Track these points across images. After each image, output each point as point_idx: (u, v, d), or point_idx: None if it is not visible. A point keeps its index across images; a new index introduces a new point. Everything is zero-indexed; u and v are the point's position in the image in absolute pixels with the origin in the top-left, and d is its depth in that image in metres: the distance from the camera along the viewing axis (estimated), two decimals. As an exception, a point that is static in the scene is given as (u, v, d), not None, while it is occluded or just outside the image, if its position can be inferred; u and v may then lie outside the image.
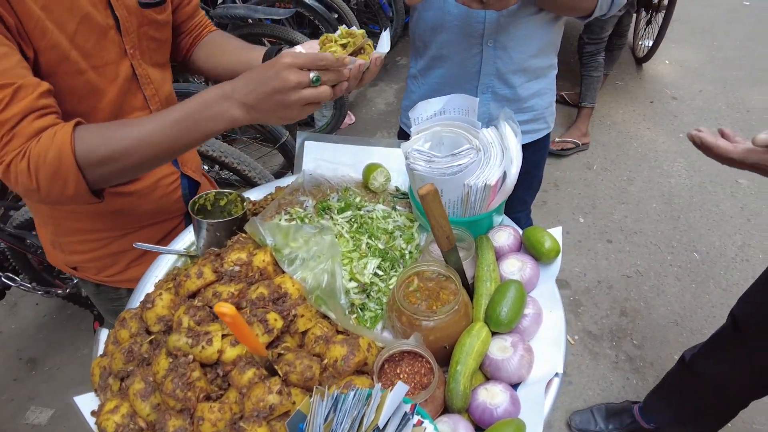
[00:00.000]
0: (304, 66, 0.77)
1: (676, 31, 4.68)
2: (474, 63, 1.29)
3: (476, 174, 0.96)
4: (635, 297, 2.40)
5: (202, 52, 1.19)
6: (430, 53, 1.35)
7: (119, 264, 1.20)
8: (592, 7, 1.20)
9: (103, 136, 0.81)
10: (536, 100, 1.40)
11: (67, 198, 0.82)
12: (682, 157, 3.25)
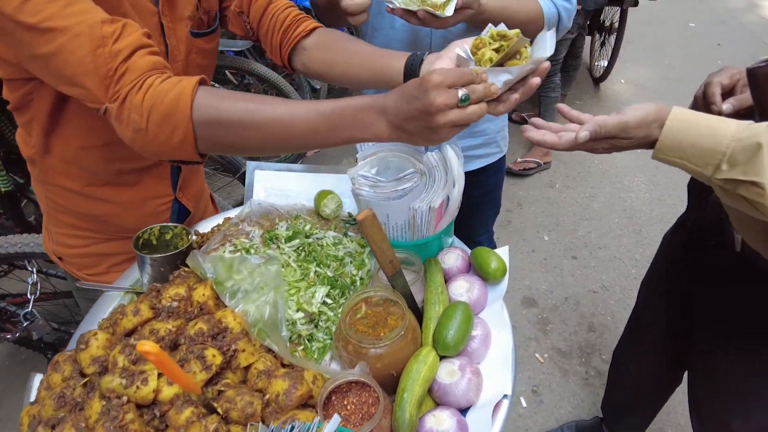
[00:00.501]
0: (453, 84, 0.70)
1: (629, 52, 4.88)
2: None
3: (421, 197, 0.96)
4: (602, 312, 2.42)
5: (316, 53, 1.07)
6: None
7: (101, 265, 1.18)
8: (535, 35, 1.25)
9: (228, 99, 0.78)
10: (487, 124, 1.43)
11: (171, 148, 0.79)
12: (641, 173, 3.34)
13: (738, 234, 1.01)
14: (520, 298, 2.48)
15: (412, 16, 1.04)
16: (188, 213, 1.23)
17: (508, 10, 1.17)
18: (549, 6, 1.22)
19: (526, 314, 2.40)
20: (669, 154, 0.78)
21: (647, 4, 4.40)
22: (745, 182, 0.71)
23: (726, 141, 0.72)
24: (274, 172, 1.24)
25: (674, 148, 0.76)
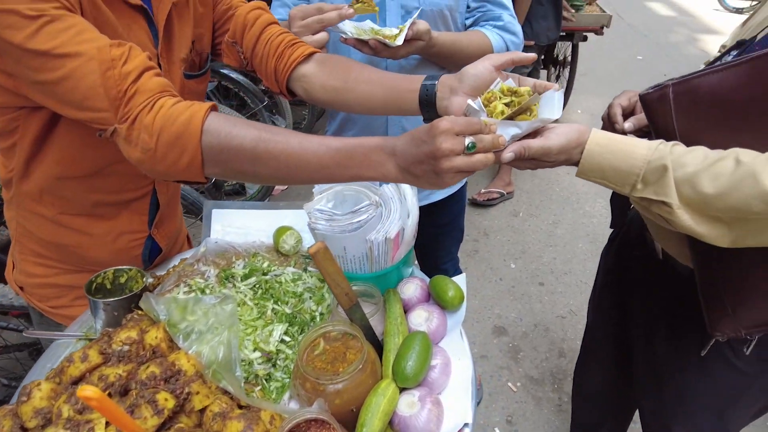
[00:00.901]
0: (461, 132, 0.72)
1: (583, 84, 5.11)
2: (380, 124, 1.36)
3: (377, 228, 0.97)
4: (572, 337, 2.44)
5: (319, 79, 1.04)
6: (340, 116, 1.41)
7: (65, 297, 1.13)
8: None
9: (240, 127, 0.79)
10: None
11: (178, 170, 0.79)
12: (602, 198, 3.45)
13: (657, 243, 1.08)
14: (491, 328, 2.48)
15: (365, 46, 1.08)
16: (160, 251, 1.20)
17: (458, 44, 1.23)
18: (498, 40, 1.28)
19: (497, 343, 2.40)
20: (590, 175, 0.84)
21: (597, 39, 4.66)
22: (657, 201, 0.77)
23: (639, 163, 0.78)
24: (233, 210, 1.23)
25: (594, 170, 0.82)
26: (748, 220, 0.74)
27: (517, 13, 2.92)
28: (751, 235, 0.76)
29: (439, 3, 1.22)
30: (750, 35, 0.91)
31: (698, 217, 0.76)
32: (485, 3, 1.29)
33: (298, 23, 1.06)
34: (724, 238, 0.77)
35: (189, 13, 1.02)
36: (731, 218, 0.75)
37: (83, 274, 1.09)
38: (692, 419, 1.15)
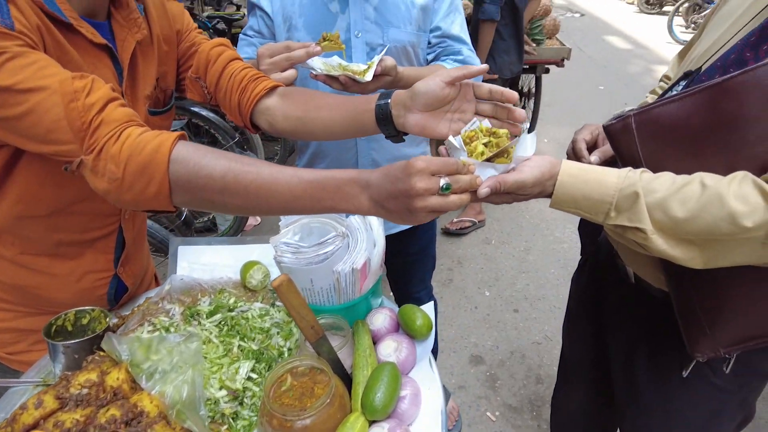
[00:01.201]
0: (437, 172, 0.72)
1: (548, 114, 5.30)
2: (350, 156, 1.38)
3: (344, 259, 0.98)
4: (548, 362, 2.45)
5: (282, 111, 1.05)
6: (310, 150, 1.43)
7: (23, 342, 1.07)
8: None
9: (209, 157, 0.79)
10: None
11: (145, 198, 0.78)
12: (571, 224, 3.53)
13: (629, 267, 1.10)
14: (468, 357, 2.47)
15: (335, 81, 1.11)
16: (126, 290, 1.17)
17: (421, 78, 1.27)
18: None
19: (474, 373, 2.39)
20: (564, 205, 0.86)
21: (560, 71, 4.85)
22: (631, 228, 0.80)
23: (611, 191, 0.81)
24: (199, 247, 1.22)
25: (568, 200, 0.85)
26: (718, 241, 0.77)
27: (481, 49, 3.06)
28: (722, 256, 0.79)
29: (402, 40, 1.27)
30: (695, 66, 0.96)
31: (672, 240, 0.79)
32: (445, 39, 1.34)
33: (267, 61, 1.08)
34: (697, 260, 0.80)
35: (153, 52, 1.03)
36: (702, 240, 0.78)
37: (43, 317, 1.05)
38: None
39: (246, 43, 1.35)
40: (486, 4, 2.83)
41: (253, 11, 1.33)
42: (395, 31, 1.26)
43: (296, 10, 1.26)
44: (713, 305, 0.90)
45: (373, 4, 1.24)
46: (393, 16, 1.25)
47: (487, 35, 2.93)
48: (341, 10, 1.24)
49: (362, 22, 1.25)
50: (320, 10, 1.25)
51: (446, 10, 1.32)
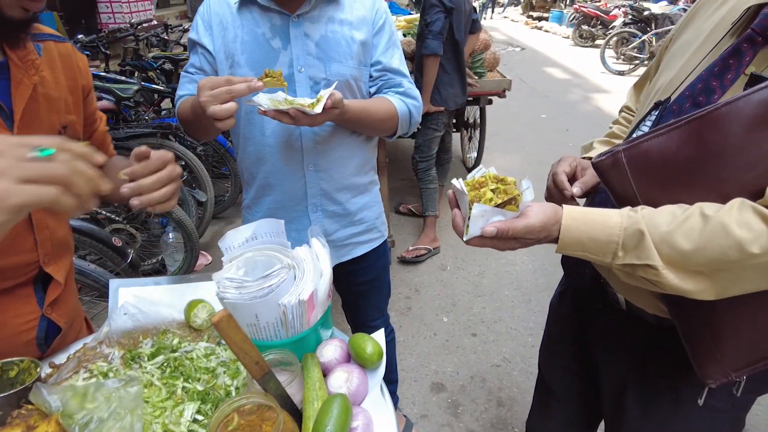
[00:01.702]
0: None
1: (494, 143, 5.49)
2: (299, 187, 1.38)
3: (290, 291, 0.97)
4: (508, 385, 2.46)
5: None
6: (257, 183, 1.42)
7: None
8: (393, 130, 1.40)
9: None
10: (365, 212, 1.52)
11: None
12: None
13: (620, 294, 1.10)
14: (429, 385, 2.46)
15: (285, 116, 1.12)
16: (59, 330, 1.10)
17: (366, 111, 1.31)
18: (401, 105, 1.38)
19: (436, 401, 2.37)
20: (570, 249, 0.86)
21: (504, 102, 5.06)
22: (641, 265, 0.80)
23: (616, 231, 0.81)
24: (140, 288, 1.18)
25: (574, 243, 0.85)
26: (727, 270, 0.78)
27: (426, 82, 3.17)
28: (733, 285, 0.79)
29: (344, 74, 1.30)
30: (663, 96, 0.98)
31: (682, 274, 0.79)
32: (386, 72, 1.39)
33: (207, 93, 1.07)
34: (709, 292, 0.80)
35: (58, 97, 1.01)
36: (711, 270, 0.78)
37: None
38: None
39: (188, 80, 1.35)
40: (429, 40, 2.95)
41: (194, 48, 1.33)
42: (337, 66, 1.29)
43: (238, 47, 1.27)
44: (720, 329, 0.89)
45: (315, 40, 1.28)
46: (334, 52, 1.28)
47: (431, 69, 3.04)
48: (283, 46, 1.27)
49: (304, 57, 1.27)
50: (262, 46, 1.27)
51: (385, 45, 1.37)
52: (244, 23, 1.27)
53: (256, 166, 1.39)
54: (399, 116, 1.37)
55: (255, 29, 1.27)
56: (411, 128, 1.45)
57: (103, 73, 3.95)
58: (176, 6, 8.74)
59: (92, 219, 2.85)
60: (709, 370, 0.94)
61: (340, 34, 1.29)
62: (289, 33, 1.26)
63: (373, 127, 1.37)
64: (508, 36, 14.40)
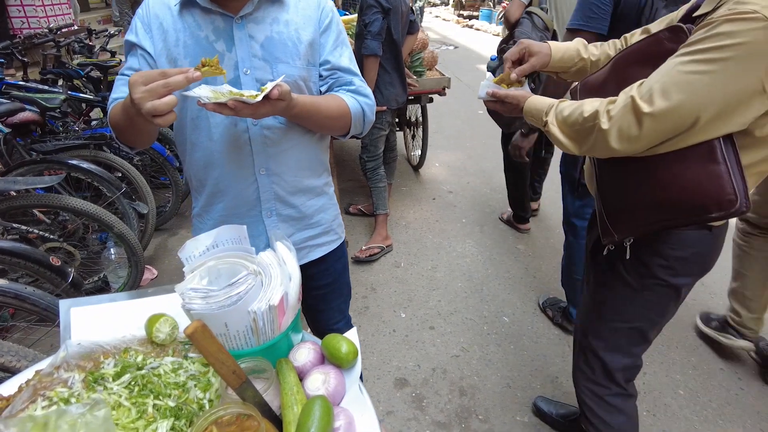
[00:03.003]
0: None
1: (436, 140, 5.60)
2: (252, 192, 1.35)
3: (259, 298, 0.95)
4: (468, 374, 2.53)
5: None
6: (207, 190, 1.37)
7: None
8: (346, 129, 1.39)
9: None
10: (321, 215, 1.50)
11: None
12: (470, 238, 3.72)
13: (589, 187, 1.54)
14: (392, 381, 2.48)
15: (224, 108, 1.06)
16: None
17: (316, 106, 1.28)
18: (353, 103, 1.36)
19: (400, 396, 2.40)
20: (527, 115, 1.38)
21: (443, 100, 5.17)
22: (545, 122, 1.31)
23: (546, 109, 1.32)
24: (95, 306, 1.12)
25: (529, 111, 1.37)
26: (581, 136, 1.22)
27: (368, 81, 3.18)
28: (588, 149, 1.23)
29: (292, 74, 1.28)
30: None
31: (559, 130, 1.28)
32: (335, 71, 1.37)
33: (141, 89, 0.99)
34: (575, 150, 1.26)
35: None
36: (575, 131, 1.23)
37: None
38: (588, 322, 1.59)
39: (122, 83, 1.26)
40: (368, 40, 2.97)
41: (133, 50, 1.26)
42: (284, 67, 1.27)
43: (181, 51, 1.22)
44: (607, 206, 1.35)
45: (260, 42, 1.25)
46: (280, 53, 1.26)
47: (371, 70, 3.06)
48: (227, 48, 1.23)
49: (250, 59, 1.24)
50: (206, 49, 1.23)
51: (333, 44, 1.35)
52: (185, 26, 1.23)
53: (205, 173, 1.35)
54: (352, 114, 1.36)
55: (197, 32, 1.22)
56: (365, 127, 1.44)
57: (22, 82, 3.69)
58: (98, 10, 8.28)
59: (23, 239, 2.66)
60: (603, 230, 1.38)
61: (286, 34, 1.27)
62: (233, 35, 1.23)
63: (324, 124, 1.35)
64: (441, 35, 14.71)
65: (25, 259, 2.10)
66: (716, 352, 2.65)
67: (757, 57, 0.99)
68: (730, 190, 1.09)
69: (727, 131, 1.09)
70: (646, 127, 1.09)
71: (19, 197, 2.64)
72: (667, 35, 1.19)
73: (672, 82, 1.06)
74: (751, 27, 0.98)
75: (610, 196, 1.34)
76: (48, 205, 2.69)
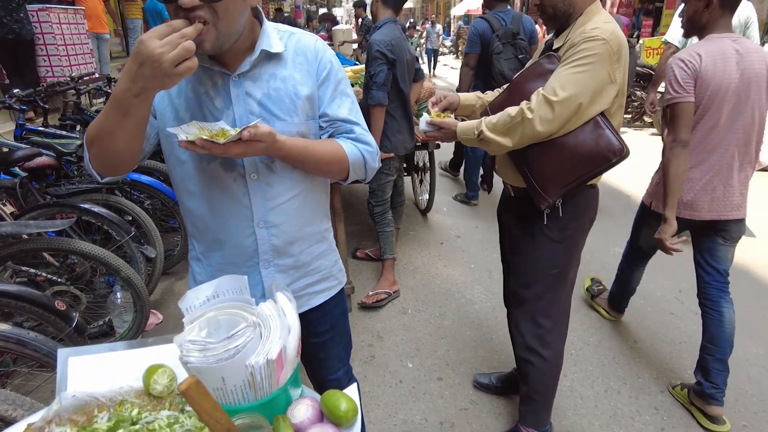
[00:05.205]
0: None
1: (444, 184, 5.63)
2: (250, 243, 1.33)
3: (257, 351, 0.93)
4: (478, 428, 2.43)
5: None
6: (207, 237, 1.36)
7: None
8: (344, 174, 1.36)
9: None
10: (320, 261, 1.48)
11: None
12: (479, 284, 3.68)
13: (507, 185, 2.07)
14: (398, 435, 2.39)
15: (195, 146, 1.05)
16: None
17: (308, 150, 1.26)
18: (352, 149, 1.34)
19: (406, 451, 2.30)
20: (461, 135, 1.88)
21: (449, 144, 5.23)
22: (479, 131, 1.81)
23: (475, 126, 1.83)
24: (93, 356, 1.10)
25: (463, 131, 1.87)
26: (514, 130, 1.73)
27: (374, 131, 3.26)
28: (519, 138, 1.74)
29: (289, 131, 1.26)
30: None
31: (494, 133, 1.77)
32: (335, 121, 1.36)
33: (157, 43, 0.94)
34: (508, 144, 1.76)
35: None
36: (506, 129, 1.74)
37: None
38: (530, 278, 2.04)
39: None
40: (373, 91, 3.05)
41: None
42: (281, 124, 1.25)
43: (182, 103, 1.24)
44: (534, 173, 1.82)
45: (257, 99, 1.25)
46: (278, 109, 1.26)
47: (378, 119, 3.13)
48: (225, 106, 1.24)
49: (247, 117, 1.24)
50: (206, 105, 1.24)
51: (330, 96, 1.34)
52: (188, 79, 1.24)
53: (202, 222, 1.34)
54: (349, 159, 1.33)
55: (198, 87, 1.24)
56: (368, 173, 1.42)
57: (41, 128, 3.81)
58: (119, 59, 8.64)
59: (31, 282, 2.67)
60: (539, 200, 1.82)
61: (284, 90, 1.26)
62: (230, 93, 1.23)
63: (319, 168, 1.33)
64: (450, 83, 15.07)
65: (30, 303, 2.10)
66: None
67: (604, 60, 1.64)
68: (616, 142, 1.71)
69: (600, 109, 1.71)
70: (556, 111, 1.65)
71: (30, 240, 2.67)
72: (546, 60, 1.79)
73: (564, 80, 1.66)
74: (599, 43, 1.62)
75: (536, 171, 1.80)
76: (58, 248, 2.71)
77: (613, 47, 1.64)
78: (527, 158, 1.82)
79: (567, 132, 1.72)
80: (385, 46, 3.05)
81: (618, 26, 1.73)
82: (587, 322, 3.22)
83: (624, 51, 1.68)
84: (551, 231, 1.91)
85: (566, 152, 1.74)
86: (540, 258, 1.97)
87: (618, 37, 1.66)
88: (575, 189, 1.80)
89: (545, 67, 1.77)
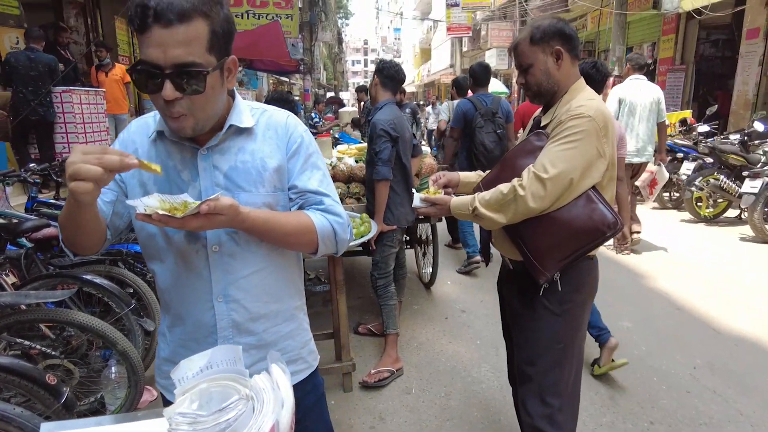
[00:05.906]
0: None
1: (448, 258, 5.61)
2: (209, 319, 1.29)
3: (248, 426, 0.89)
4: None
5: None
6: (172, 311, 1.34)
7: None
8: (313, 246, 1.31)
9: None
10: (287, 342, 1.39)
11: None
12: (485, 362, 3.55)
13: (503, 254, 2.09)
14: None
15: (149, 218, 1.04)
16: None
17: (273, 222, 1.22)
18: (321, 220, 1.30)
19: None
20: (455, 210, 1.90)
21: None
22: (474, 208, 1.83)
23: (469, 202, 1.86)
24: (78, 431, 1.05)
25: (457, 207, 1.89)
26: (507, 207, 1.75)
27: (378, 204, 3.34)
28: (511, 215, 1.75)
29: (255, 202, 1.25)
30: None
31: (487, 209, 1.79)
32: (305, 192, 1.33)
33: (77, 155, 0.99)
34: (502, 220, 1.77)
35: None
36: (500, 206, 1.76)
37: None
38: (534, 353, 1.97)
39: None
40: (378, 167, 3.18)
41: None
42: (246, 196, 1.25)
43: (150, 177, 1.25)
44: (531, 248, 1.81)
45: (223, 171, 1.26)
46: (244, 181, 1.26)
47: (383, 193, 3.22)
48: (192, 178, 1.25)
49: (213, 189, 1.24)
50: (172, 179, 1.25)
51: (300, 168, 1.33)
52: (158, 154, 1.26)
53: (168, 294, 1.32)
54: (317, 231, 1.29)
55: (167, 161, 1.25)
56: (339, 246, 1.36)
57: (52, 200, 3.90)
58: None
59: (24, 354, 2.61)
60: (537, 274, 1.81)
61: (251, 163, 1.27)
62: (197, 166, 1.25)
63: (285, 240, 1.29)
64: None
65: (20, 376, 2.04)
66: None
67: (591, 136, 1.70)
68: (610, 216, 1.74)
69: (591, 183, 1.75)
70: (548, 188, 1.69)
71: (28, 311, 2.64)
72: (534, 137, 1.85)
73: (554, 157, 1.70)
74: (585, 120, 1.69)
75: (532, 246, 1.81)
76: (55, 320, 2.67)
77: (599, 123, 1.70)
78: (522, 234, 1.83)
79: (560, 207, 1.74)
80: (389, 125, 3.21)
81: (602, 103, 1.80)
82: (599, 401, 3.06)
83: (611, 125, 1.75)
84: (551, 304, 1.89)
85: (561, 227, 1.75)
86: (542, 332, 1.93)
87: (603, 113, 1.73)
88: (573, 262, 1.80)
89: (534, 144, 1.83)
